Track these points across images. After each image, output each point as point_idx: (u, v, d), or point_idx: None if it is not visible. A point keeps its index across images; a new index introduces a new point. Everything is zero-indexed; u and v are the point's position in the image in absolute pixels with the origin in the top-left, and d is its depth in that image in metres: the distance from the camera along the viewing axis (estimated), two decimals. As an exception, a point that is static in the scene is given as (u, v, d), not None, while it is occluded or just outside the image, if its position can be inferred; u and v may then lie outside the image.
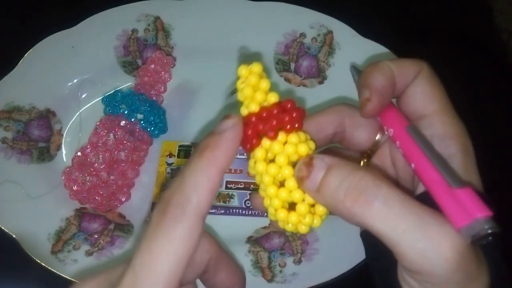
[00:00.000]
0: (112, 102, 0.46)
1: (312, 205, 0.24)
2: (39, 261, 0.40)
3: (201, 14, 0.51)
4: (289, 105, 0.24)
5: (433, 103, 0.25)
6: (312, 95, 0.49)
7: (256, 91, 0.24)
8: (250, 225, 0.43)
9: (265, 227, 0.43)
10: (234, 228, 0.43)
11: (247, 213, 0.44)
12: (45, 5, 0.55)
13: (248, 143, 0.24)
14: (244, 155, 0.46)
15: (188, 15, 0.51)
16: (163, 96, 0.49)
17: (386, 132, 0.26)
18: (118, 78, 0.50)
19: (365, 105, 0.24)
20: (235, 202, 0.44)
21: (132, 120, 0.46)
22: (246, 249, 0.42)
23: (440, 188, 0.22)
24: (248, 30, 0.50)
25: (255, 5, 0.51)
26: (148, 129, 0.47)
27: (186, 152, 0.47)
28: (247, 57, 0.23)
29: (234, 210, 0.44)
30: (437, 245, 0.20)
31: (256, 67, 0.24)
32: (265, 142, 0.24)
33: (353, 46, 0.49)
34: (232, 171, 0.46)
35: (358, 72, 0.28)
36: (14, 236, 0.40)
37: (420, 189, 0.25)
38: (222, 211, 0.44)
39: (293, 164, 0.23)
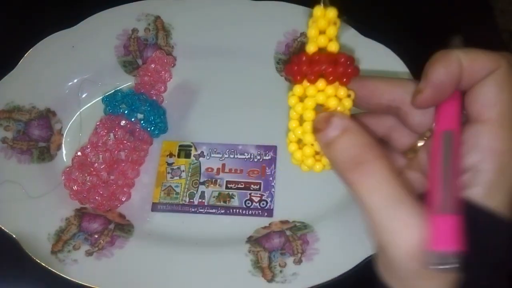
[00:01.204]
0: (112, 101, 0.46)
1: (317, 153, 0.26)
2: (39, 261, 0.40)
3: (202, 13, 0.51)
4: (342, 59, 0.25)
5: (492, 111, 0.23)
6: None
7: (320, 35, 0.25)
8: (250, 225, 0.43)
9: (265, 227, 0.43)
10: (234, 228, 0.43)
11: (247, 213, 0.44)
12: (45, 5, 0.55)
13: (293, 77, 0.25)
14: (244, 155, 0.47)
15: (188, 15, 0.51)
16: (164, 95, 0.49)
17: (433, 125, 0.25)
18: (118, 78, 0.50)
19: (416, 96, 0.24)
20: (235, 202, 0.44)
21: (132, 120, 0.46)
22: (246, 249, 0.42)
23: (434, 205, 0.22)
24: (249, 30, 0.50)
25: (255, 5, 0.51)
26: (148, 129, 0.46)
27: (186, 152, 0.47)
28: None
29: (234, 210, 0.44)
30: (400, 229, 0.21)
31: (331, 12, 0.24)
32: (306, 82, 0.25)
33: (353, 46, 0.49)
34: (232, 171, 0.46)
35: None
36: (14, 236, 0.40)
37: None
38: (222, 211, 0.44)
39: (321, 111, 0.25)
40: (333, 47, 0.25)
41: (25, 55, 0.48)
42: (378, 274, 0.24)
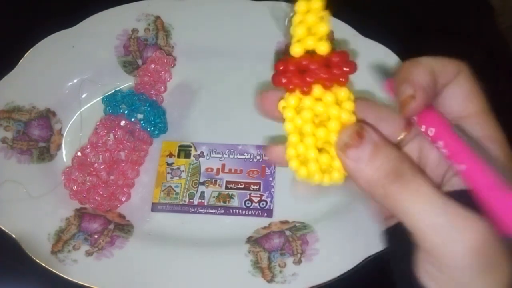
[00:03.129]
0: (112, 102, 0.46)
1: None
2: (39, 261, 0.40)
3: (202, 13, 0.51)
4: (336, 59, 0.22)
5: (473, 105, 0.24)
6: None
7: (308, 35, 0.22)
8: (250, 225, 0.43)
9: (265, 227, 0.43)
10: (234, 228, 0.43)
11: (246, 213, 0.44)
12: (45, 5, 0.55)
13: (285, 87, 0.22)
14: (244, 155, 0.46)
15: (188, 15, 0.51)
16: (163, 96, 0.49)
17: (421, 131, 0.25)
18: (118, 78, 0.50)
19: (409, 103, 0.23)
20: (235, 202, 0.44)
21: (132, 120, 0.46)
22: (246, 249, 0.42)
23: (493, 190, 0.21)
24: (249, 30, 0.50)
25: (255, 5, 0.51)
26: (148, 129, 0.46)
27: (186, 152, 0.47)
28: None
29: (234, 210, 0.44)
30: (459, 232, 0.20)
31: (316, 3, 0.21)
32: (299, 93, 0.22)
33: (353, 46, 0.49)
34: (232, 171, 0.46)
35: (385, 72, 0.27)
36: (14, 236, 0.41)
37: (448, 187, 0.25)
38: (222, 211, 0.44)
39: (319, 122, 0.23)
40: (323, 49, 0.22)
41: (25, 55, 0.48)
42: (414, 276, 0.23)
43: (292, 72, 0.22)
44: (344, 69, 0.22)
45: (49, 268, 0.40)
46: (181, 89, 0.50)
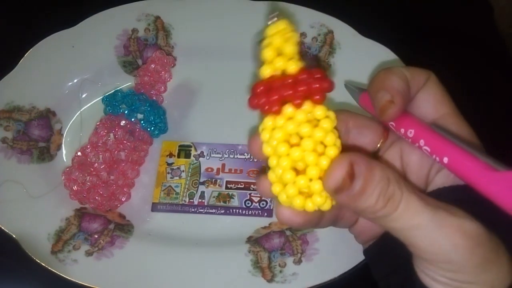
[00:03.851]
0: (112, 102, 0.46)
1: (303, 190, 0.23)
2: (39, 261, 0.40)
3: (202, 13, 0.51)
4: (303, 76, 0.22)
5: (444, 107, 0.26)
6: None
7: (278, 56, 0.22)
8: (250, 225, 0.43)
9: (265, 227, 0.43)
10: (234, 228, 0.43)
11: (247, 213, 0.44)
12: (45, 5, 0.55)
13: (261, 110, 0.22)
14: (244, 155, 0.46)
15: (188, 15, 0.51)
16: (163, 96, 0.49)
17: (401, 134, 0.26)
18: (118, 78, 0.50)
19: (388, 108, 0.24)
20: (235, 202, 0.44)
21: (132, 120, 0.46)
22: (246, 249, 0.42)
23: (483, 175, 0.22)
24: (249, 30, 0.50)
25: (256, 5, 0.51)
26: (148, 129, 0.46)
27: (186, 152, 0.47)
28: (279, 12, 0.21)
29: (234, 210, 0.44)
30: (448, 234, 0.21)
31: (281, 25, 0.21)
32: (287, 109, 0.22)
33: (353, 46, 0.49)
34: (232, 171, 0.46)
35: (357, 88, 0.28)
36: (14, 236, 0.40)
37: (433, 186, 0.26)
38: (222, 211, 0.44)
39: (296, 141, 0.22)
40: (292, 68, 0.22)
41: (25, 55, 0.48)
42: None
43: (261, 92, 0.22)
44: (314, 85, 0.22)
45: (49, 268, 0.40)
46: (181, 89, 0.50)
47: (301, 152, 0.22)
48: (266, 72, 0.22)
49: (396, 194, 0.22)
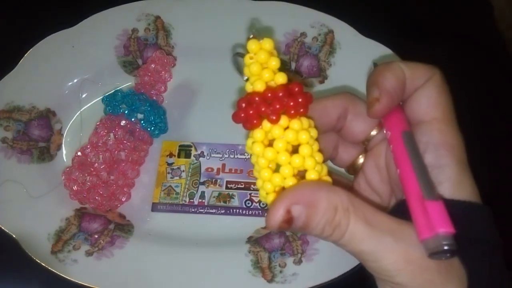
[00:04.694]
0: (112, 102, 0.46)
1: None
2: (39, 261, 0.40)
3: (202, 13, 0.51)
4: (296, 89, 0.23)
5: (435, 111, 0.25)
6: (313, 94, 0.49)
7: (264, 69, 0.23)
8: (250, 225, 0.43)
9: (265, 227, 0.43)
10: (234, 228, 0.43)
11: (247, 213, 0.44)
12: (45, 5, 0.55)
13: (248, 123, 0.23)
14: (244, 155, 0.46)
15: (188, 15, 0.51)
16: (164, 95, 0.49)
17: (385, 133, 0.26)
18: (118, 78, 0.50)
19: (373, 105, 0.25)
20: (235, 202, 0.44)
21: (132, 120, 0.46)
22: (246, 249, 0.42)
23: (414, 198, 0.23)
24: (249, 30, 0.50)
25: (256, 5, 0.51)
26: (149, 129, 0.46)
27: (187, 152, 0.47)
28: (258, 31, 0.21)
29: (234, 210, 0.44)
30: (392, 260, 0.22)
31: (267, 43, 0.23)
32: (266, 124, 0.23)
33: (354, 46, 0.49)
34: (232, 171, 0.46)
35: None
36: (14, 236, 0.40)
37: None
38: (222, 211, 0.44)
39: (292, 150, 0.23)
40: (280, 79, 0.23)
41: (25, 55, 0.48)
42: None
43: (259, 102, 0.23)
44: (289, 103, 0.23)
45: (49, 268, 0.40)
46: (181, 89, 0.50)
47: (274, 152, 0.23)
48: (259, 86, 0.23)
49: (342, 223, 0.22)
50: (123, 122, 0.45)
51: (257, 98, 0.23)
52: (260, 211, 0.44)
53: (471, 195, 0.24)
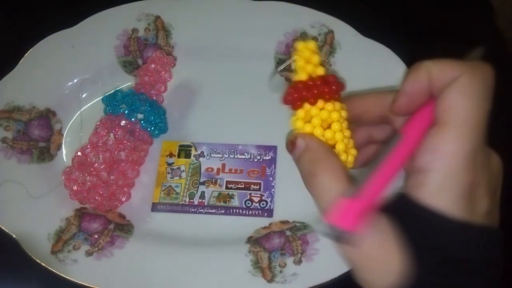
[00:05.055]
0: (112, 102, 0.46)
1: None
2: (39, 261, 0.40)
3: (202, 13, 0.51)
4: (331, 79, 0.29)
5: (449, 114, 0.24)
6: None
7: (307, 63, 0.29)
8: (250, 225, 0.43)
9: (265, 227, 0.43)
10: (234, 228, 0.43)
11: (247, 213, 0.44)
12: (45, 5, 0.55)
13: (293, 104, 0.29)
14: (244, 155, 0.47)
15: (188, 15, 0.51)
16: (164, 95, 0.49)
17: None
18: (118, 78, 0.50)
19: (392, 104, 0.27)
20: (235, 202, 0.44)
21: (132, 120, 0.46)
22: (246, 249, 0.42)
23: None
24: (249, 30, 0.50)
25: (256, 5, 0.51)
26: (149, 129, 0.46)
27: (187, 152, 0.47)
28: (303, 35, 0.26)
29: (234, 210, 0.44)
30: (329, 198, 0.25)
31: (311, 44, 0.29)
32: (307, 105, 0.28)
33: (354, 46, 0.49)
34: (232, 171, 0.46)
35: None
36: (14, 236, 0.41)
37: None
38: (222, 211, 0.44)
39: (326, 126, 0.28)
40: (319, 71, 0.29)
41: (25, 55, 0.48)
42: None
43: (302, 88, 0.28)
44: (338, 86, 0.29)
45: (49, 268, 0.40)
46: (181, 89, 0.50)
47: (311, 127, 0.29)
48: (302, 76, 0.29)
49: (318, 172, 0.26)
50: (123, 122, 0.45)
51: (300, 85, 0.28)
52: (260, 211, 0.44)
53: (451, 204, 0.23)
